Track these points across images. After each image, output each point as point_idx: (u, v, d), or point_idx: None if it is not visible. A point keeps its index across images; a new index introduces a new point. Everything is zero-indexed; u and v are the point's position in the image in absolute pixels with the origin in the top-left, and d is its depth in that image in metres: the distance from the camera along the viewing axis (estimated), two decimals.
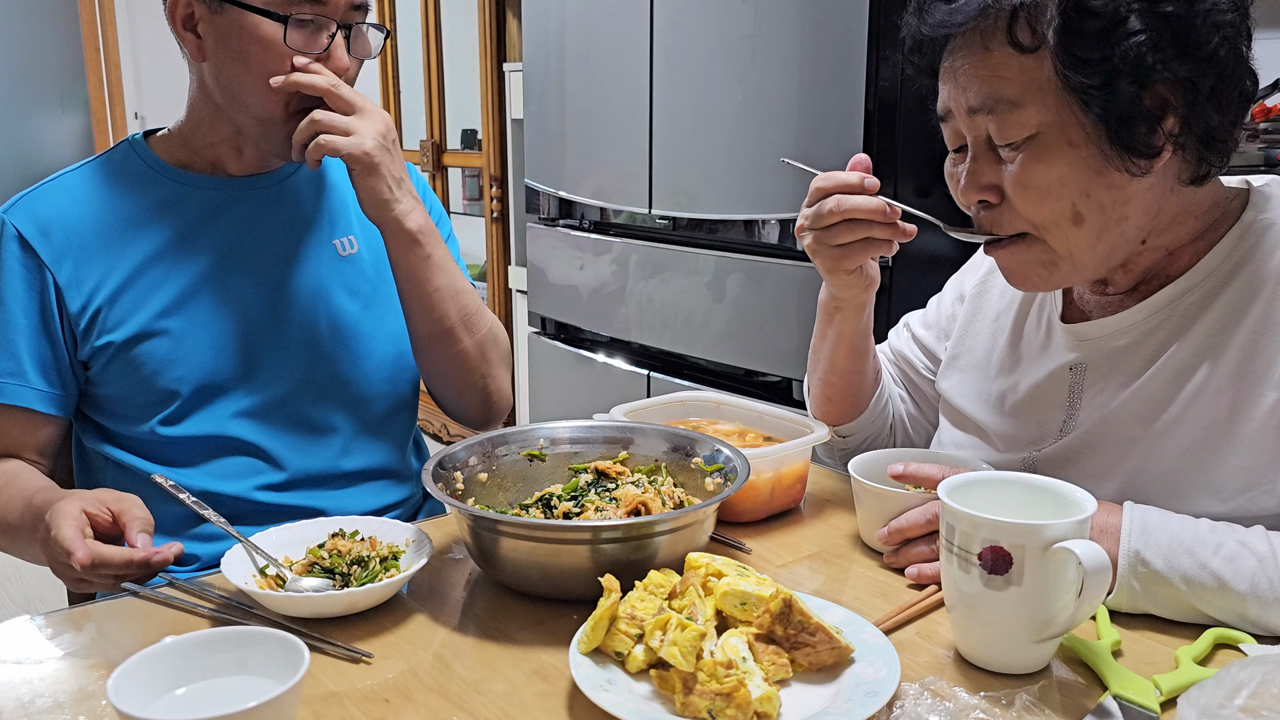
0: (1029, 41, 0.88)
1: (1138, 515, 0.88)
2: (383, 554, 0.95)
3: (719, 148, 2.22)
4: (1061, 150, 0.90)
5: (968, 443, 1.13)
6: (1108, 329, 1.00)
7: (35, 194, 1.18)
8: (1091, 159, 0.89)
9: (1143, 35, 0.84)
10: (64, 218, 1.16)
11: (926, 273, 2.12)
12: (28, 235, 1.14)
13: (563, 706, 0.76)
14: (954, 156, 1.00)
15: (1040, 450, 1.04)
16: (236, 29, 1.10)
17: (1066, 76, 0.87)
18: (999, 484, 0.86)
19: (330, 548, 0.95)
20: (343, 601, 0.87)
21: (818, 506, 1.16)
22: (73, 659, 0.82)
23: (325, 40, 1.12)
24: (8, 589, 3.01)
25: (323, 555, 0.94)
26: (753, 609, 0.79)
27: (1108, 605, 0.87)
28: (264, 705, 0.63)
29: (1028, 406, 1.07)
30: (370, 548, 0.96)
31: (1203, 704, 0.64)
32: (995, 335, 1.14)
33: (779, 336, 2.15)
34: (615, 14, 2.43)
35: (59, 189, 1.19)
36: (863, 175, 1.01)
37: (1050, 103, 0.89)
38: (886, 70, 1.92)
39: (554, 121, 2.66)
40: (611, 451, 1.08)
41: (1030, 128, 0.90)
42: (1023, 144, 0.91)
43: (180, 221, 1.19)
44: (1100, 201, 0.91)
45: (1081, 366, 1.03)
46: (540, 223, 2.81)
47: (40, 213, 1.16)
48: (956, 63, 0.94)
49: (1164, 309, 0.97)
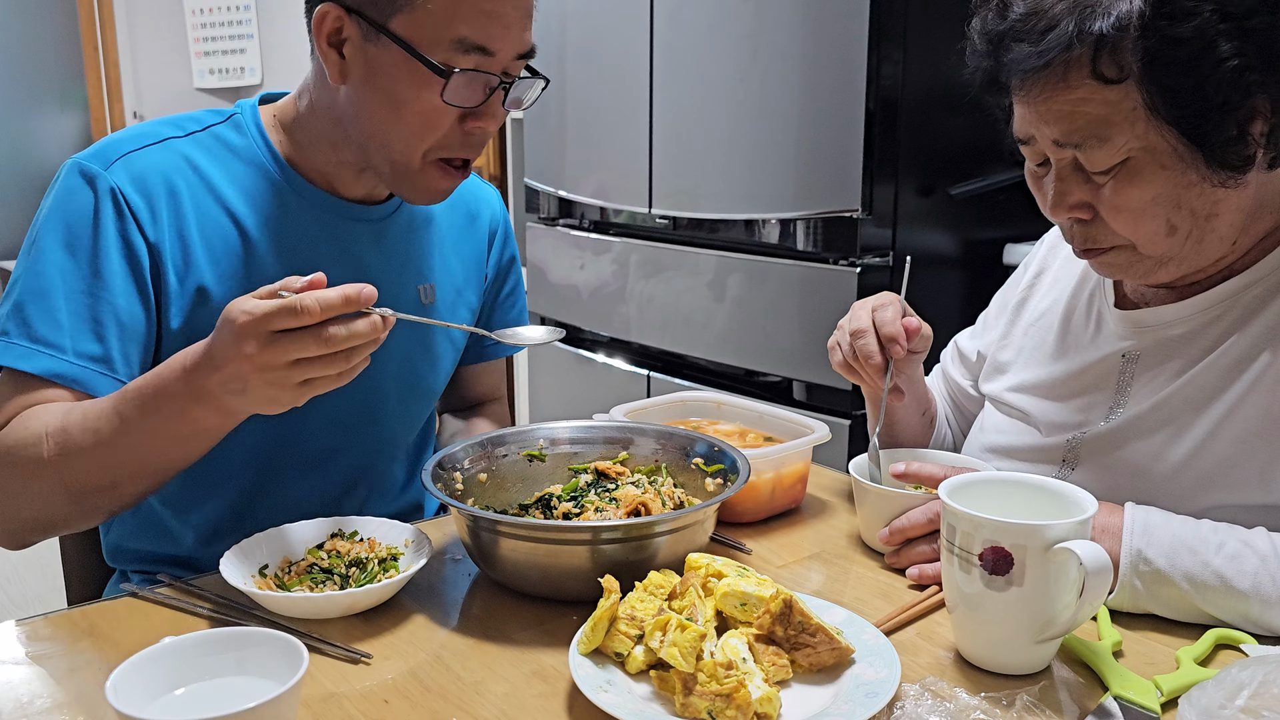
0: (1114, 74, 0.86)
1: (1139, 515, 0.88)
2: (381, 555, 0.95)
3: (719, 148, 2.22)
4: (1155, 173, 0.88)
5: (1009, 426, 1.13)
6: (1166, 317, 1.00)
7: (141, 154, 1.04)
8: (1184, 175, 0.89)
9: (1235, 60, 0.83)
10: (173, 192, 1.04)
11: (929, 272, 2.13)
12: (131, 201, 1.01)
13: (562, 707, 0.75)
14: (1035, 168, 0.99)
15: (1085, 433, 1.03)
16: (390, 66, 0.99)
17: (1156, 107, 0.86)
18: (1000, 484, 0.86)
19: (329, 548, 0.95)
20: (342, 603, 0.87)
21: (818, 507, 1.16)
22: (72, 659, 0.82)
23: (484, 93, 1.01)
24: (7, 589, 3.01)
25: (321, 556, 0.94)
26: (753, 610, 0.79)
27: (1110, 605, 0.87)
28: (264, 705, 0.63)
29: (1074, 391, 1.07)
30: (369, 549, 0.96)
31: (1203, 704, 0.64)
32: (1043, 331, 1.14)
33: (779, 336, 2.15)
34: (615, 14, 2.43)
35: (168, 153, 1.06)
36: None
37: (1139, 130, 0.87)
38: (887, 70, 1.92)
39: (554, 121, 2.66)
40: (611, 451, 1.08)
41: (1120, 155, 0.89)
42: (1112, 169, 0.90)
43: (286, 233, 1.09)
44: (1192, 208, 0.91)
45: (1134, 354, 1.02)
46: (540, 222, 2.81)
47: (146, 177, 1.03)
48: (1035, 93, 0.91)
49: (1227, 300, 0.97)
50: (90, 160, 1.03)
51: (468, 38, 0.98)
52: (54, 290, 0.99)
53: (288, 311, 0.81)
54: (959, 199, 2.10)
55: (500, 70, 1.01)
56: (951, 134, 2.08)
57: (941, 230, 2.12)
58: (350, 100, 1.04)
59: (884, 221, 2.00)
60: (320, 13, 1.00)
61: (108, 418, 0.93)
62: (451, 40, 0.98)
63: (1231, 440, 0.93)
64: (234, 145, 1.10)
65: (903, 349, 1.05)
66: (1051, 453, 1.05)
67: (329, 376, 0.85)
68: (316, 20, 1.01)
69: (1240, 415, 0.93)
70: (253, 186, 1.09)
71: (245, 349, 0.83)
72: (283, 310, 0.82)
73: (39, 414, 0.96)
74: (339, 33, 1.01)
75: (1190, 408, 0.96)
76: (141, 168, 1.04)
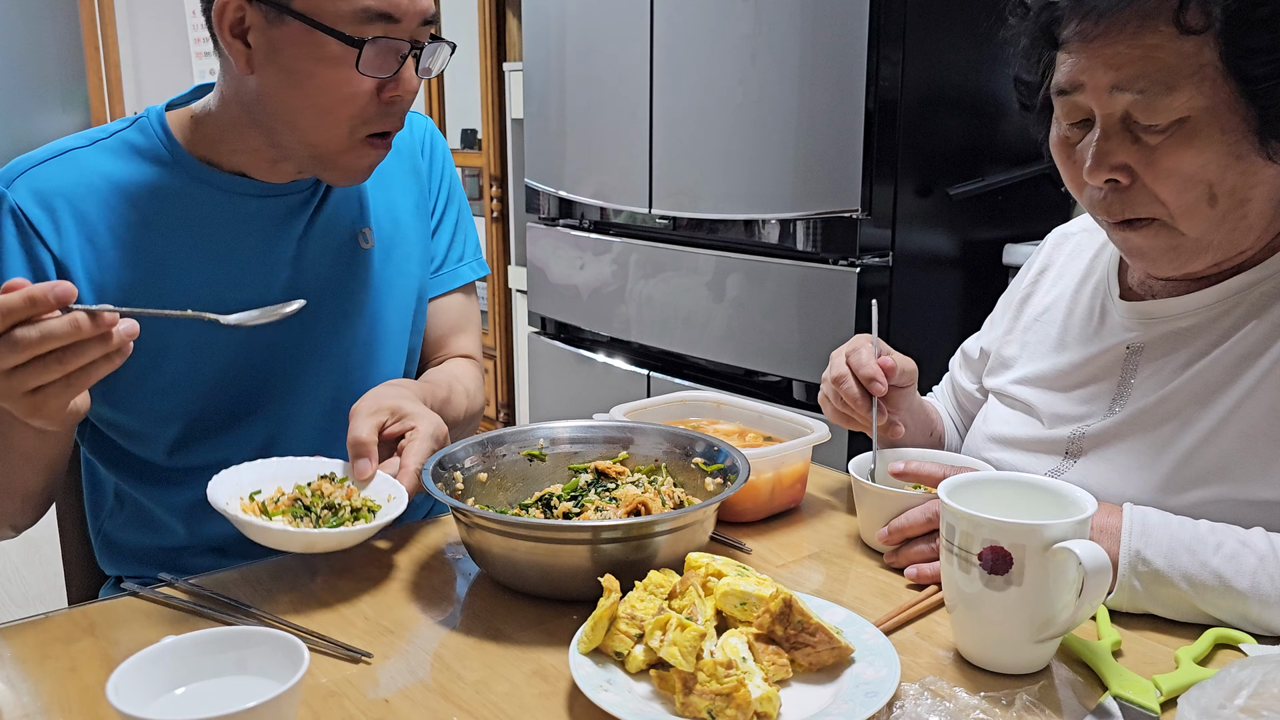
0: (1198, 24, 0.84)
1: (1137, 515, 0.88)
2: (356, 505, 0.97)
3: (719, 148, 2.22)
4: (1212, 137, 0.86)
5: (1012, 418, 1.13)
6: (1173, 309, 1.00)
7: (41, 168, 1.05)
8: (1237, 145, 0.87)
9: None
10: (74, 201, 1.04)
11: (927, 273, 2.13)
12: (31, 216, 1.02)
13: (563, 706, 0.76)
14: (1069, 131, 0.95)
15: (1088, 428, 1.03)
16: (297, 46, 0.99)
17: (1232, 63, 0.84)
18: (999, 484, 0.86)
19: (315, 488, 0.98)
20: (298, 540, 0.90)
21: (818, 506, 1.16)
22: (73, 659, 0.82)
23: (396, 62, 1.02)
24: (8, 589, 3.01)
25: (305, 493, 0.97)
26: (753, 609, 0.79)
27: (1108, 605, 0.87)
28: (264, 705, 0.63)
29: (1077, 383, 1.07)
30: (347, 496, 0.97)
31: (1203, 704, 0.64)
32: (1046, 326, 1.14)
33: (779, 336, 2.15)
34: (615, 14, 2.43)
35: (69, 165, 1.06)
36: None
37: (1206, 89, 0.85)
38: (886, 71, 1.92)
39: (554, 121, 2.66)
40: (611, 451, 1.08)
41: (1180, 111, 0.86)
42: (1168, 127, 0.87)
43: (199, 223, 1.09)
44: (1233, 185, 0.89)
45: (1139, 346, 1.02)
46: (540, 222, 2.81)
47: (46, 190, 1.04)
48: (1103, 36, 0.87)
49: (1236, 294, 0.96)
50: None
51: (371, 7, 0.99)
52: None
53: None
54: (958, 199, 2.10)
55: (408, 37, 1.02)
56: (951, 134, 2.09)
57: (941, 230, 2.12)
58: (260, 88, 1.03)
59: (883, 222, 2.00)
60: (219, 5, 1.00)
61: None
62: (355, 11, 0.98)
63: (1236, 435, 0.93)
64: (138, 146, 1.10)
65: (883, 385, 1.06)
66: (1054, 444, 1.05)
67: (55, 383, 0.82)
68: (217, 13, 1.01)
69: (1245, 410, 0.93)
70: (159, 183, 1.08)
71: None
72: None
73: None
74: (241, 22, 1.01)
75: (1195, 401, 0.96)
76: (41, 182, 1.04)
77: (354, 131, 1.04)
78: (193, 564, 1.14)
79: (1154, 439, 0.97)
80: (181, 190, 1.09)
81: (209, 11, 1.02)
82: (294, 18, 0.98)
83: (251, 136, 1.09)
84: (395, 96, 1.04)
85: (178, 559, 1.16)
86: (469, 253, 1.37)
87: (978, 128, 2.12)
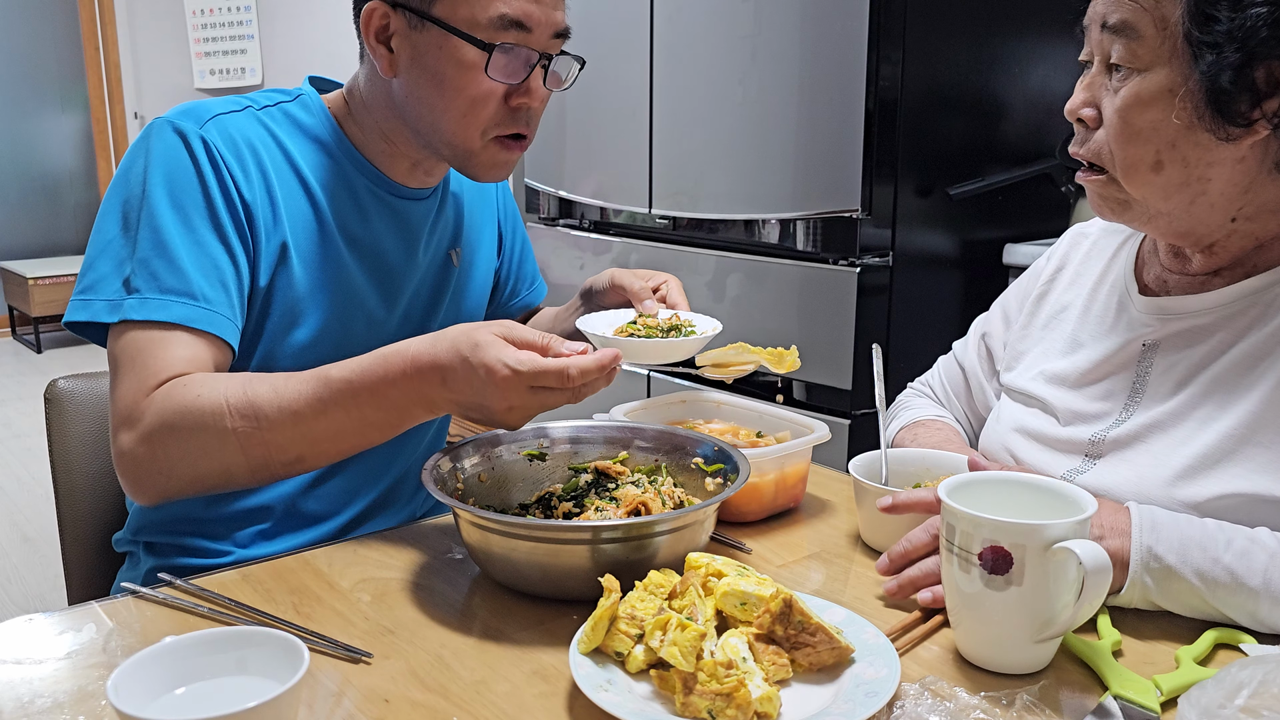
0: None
1: (1146, 513, 0.88)
2: (675, 323, 1.13)
3: (719, 148, 2.23)
4: (1161, 95, 0.92)
5: (1028, 416, 1.13)
6: (1190, 306, 1.01)
7: (229, 117, 1.10)
8: (1184, 112, 0.91)
9: (1264, 8, 0.86)
10: (257, 154, 1.09)
11: (927, 273, 2.13)
12: (226, 158, 1.06)
13: (563, 706, 0.76)
14: (1083, 78, 1.02)
15: (1109, 430, 1.03)
16: (436, 50, 1.06)
17: (1188, 27, 0.89)
18: (999, 484, 0.86)
19: (641, 322, 1.14)
20: (682, 347, 1.08)
21: (818, 506, 1.16)
22: (73, 659, 0.82)
23: (525, 70, 1.08)
24: (7, 589, 3.01)
25: (638, 328, 1.12)
26: (753, 609, 0.79)
27: (1120, 603, 0.87)
28: (264, 705, 0.63)
29: (1093, 380, 1.07)
30: (673, 320, 1.14)
31: (1203, 704, 0.64)
32: (1063, 324, 1.15)
33: (779, 336, 2.15)
34: (615, 14, 2.43)
35: (251, 120, 1.12)
36: None
37: (1166, 47, 0.91)
38: (886, 71, 1.92)
39: (554, 121, 2.66)
40: (611, 451, 1.08)
41: (1142, 61, 0.92)
42: (1129, 75, 0.93)
43: (350, 207, 1.15)
44: (1185, 155, 0.93)
45: (1154, 344, 1.03)
46: (540, 222, 2.81)
47: (237, 139, 1.08)
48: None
49: (1251, 295, 0.98)
50: (182, 119, 1.07)
51: (506, 14, 1.05)
52: (173, 243, 1.03)
53: (556, 375, 0.90)
54: (958, 199, 2.10)
55: (539, 48, 1.08)
56: (950, 134, 2.09)
57: (941, 230, 2.12)
58: (402, 90, 1.10)
59: (883, 222, 2.00)
60: (367, 11, 1.08)
61: (308, 400, 0.97)
62: (491, 19, 1.05)
63: (1251, 432, 0.93)
64: (303, 123, 1.15)
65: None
66: (1074, 445, 1.06)
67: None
68: (364, 18, 1.08)
69: (1261, 409, 0.93)
70: (319, 162, 1.15)
71: (509, 398, 0.91)
72: (551, 372, 0.89)
73: (207, 381, 0.99)
74: (386, 29, 1.08)
75: (1211, 399, 0.97)
76: (230, 130, 1.09)
77: (486, 133, 1.10)
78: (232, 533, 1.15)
79: (1172, 439, 0.98)
80: (340, 174, 1.16)
81: (357, 15, 1.10)
82: (433, 24, 1.05)
83: (396, 139, 1.16)
84: (523, 103, 1.10)
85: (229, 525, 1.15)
86: (536, 269, 1.53)
87: (978, 128, 2.12)
